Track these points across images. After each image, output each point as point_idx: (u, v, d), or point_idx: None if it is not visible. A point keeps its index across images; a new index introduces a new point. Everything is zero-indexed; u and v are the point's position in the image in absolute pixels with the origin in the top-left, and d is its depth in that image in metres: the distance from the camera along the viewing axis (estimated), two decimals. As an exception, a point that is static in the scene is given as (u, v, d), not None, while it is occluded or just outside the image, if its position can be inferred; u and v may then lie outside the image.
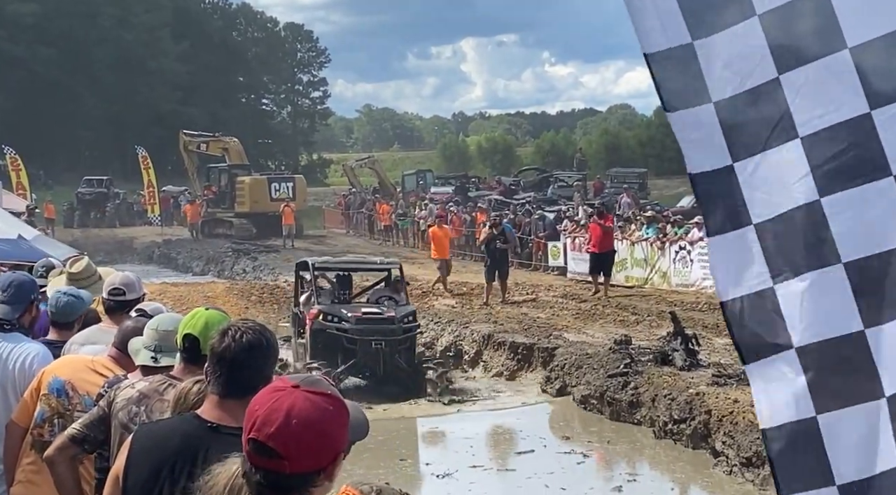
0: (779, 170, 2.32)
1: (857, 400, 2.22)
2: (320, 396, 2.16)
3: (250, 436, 2.14)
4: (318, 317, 16.09)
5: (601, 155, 68.16)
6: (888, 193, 2.20)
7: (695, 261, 22.76)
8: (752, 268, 2.34)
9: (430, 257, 25.26)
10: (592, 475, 12.02)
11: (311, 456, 2.13)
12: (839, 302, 2.24)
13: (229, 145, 47.03)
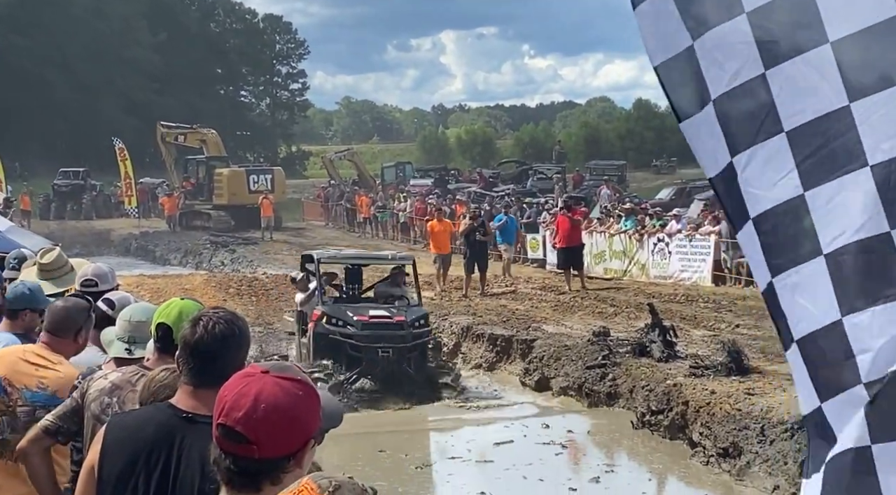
0: (768, 164, 2.40)
1: (841, 389, 2.28)
2: (290, 382, 2.16)
3: (219, 422, 2.14)
4: (322, 319, 15.10)
5: (580, 148, 68.29)
6: (861, 183, 2.25)
7: (673, 253, 22.88)
8: (759, 261, 2.44)
9: (430, 252, 24.23)
10: (571, 466, 12.07)
11: (279, 441, 2.12)
12: (821, 292, 2.30)
13: (207, 137, 46.88)
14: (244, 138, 78.80)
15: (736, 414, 11.99)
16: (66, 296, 4.82)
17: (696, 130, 2.51)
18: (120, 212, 49.20)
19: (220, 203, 42.51)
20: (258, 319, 20.54)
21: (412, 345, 14.93)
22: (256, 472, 2.14)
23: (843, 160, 2.30)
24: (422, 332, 15.19)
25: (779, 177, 2.37)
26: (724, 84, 2.44)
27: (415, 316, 15.20)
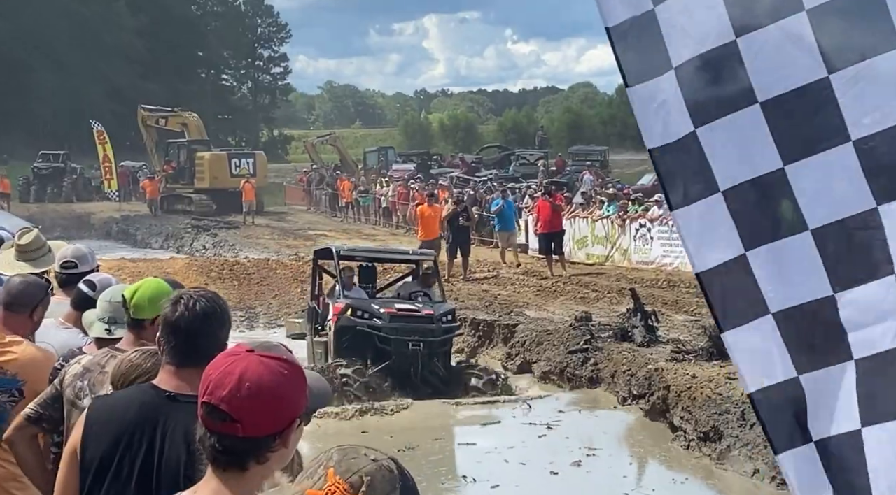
0: (741, 135, 2.29)
1: (830, 362, 2.25)
2: (275, 361, 2.15)
3: (203, 400, 2.13)
4: (346, 312, 14.12)
5: (563, 133, 68.35)
6: (847, 159, 2.20)
7: (655, 238, 22.95)
8: (724, 236, 2.32)
9: (419, 239, 23.61)
10: (553, 449, 12.09)
11: (264, 420, 2.11)
12: (809, 268, 2.25)
13: (188, 120, 46.68)
14: (226, 122, 78.46)
15: (717, 398, 12.06)
16: (26, 275, 4.79)
17: (643, 99, 2.38)
18: (101, 195, 48.93)
19: (201, 187, 42.34)
20: (240, 303, 20.50)
21: (442, 339, 14.11)
22: (241, 451, 2.13)
23: (826, 134, 2.23)
24: (451, 327, 14.41)
25: (754, 150, 2.28)
26: (689, 51, 2.33)
27: (442, 310, 14.38)
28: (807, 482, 2.28)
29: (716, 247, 2.33)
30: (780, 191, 2.26)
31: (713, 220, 2.32)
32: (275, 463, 2.18)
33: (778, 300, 2.28)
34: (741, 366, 2.34)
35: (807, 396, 2.26)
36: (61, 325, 4.76)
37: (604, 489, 10.69)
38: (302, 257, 27.88)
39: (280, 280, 24.03)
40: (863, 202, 2.19)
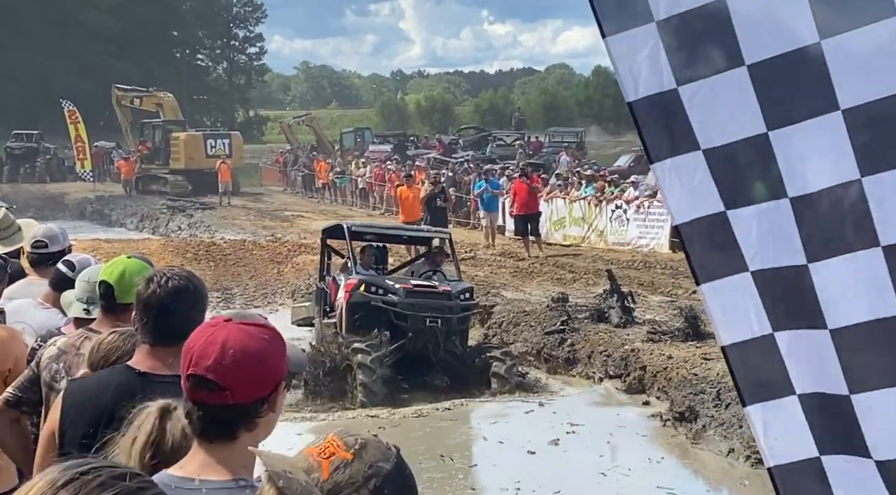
0: (727, 96, 2.24)
1: (805, 326, 2.24)
2: (255, 327, 2.17)
3: (189, 373, 2.14)
4: (359, 287, 13.38)
5: (539, 115, 68.37)
6: (835, 128, 2.15)
7: (631, 220, 23.02)
8: (704, 191, 2.28)
9: (400, 221, 23.48)
10: (533, 426, 12.15)
11: (251, 384, 2.13)
12: (785, 236, 2.22)
13: (163, 101, 46.37)
14: (201, 102, 77.93)
15: (692, 378, 12.14)
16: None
17: (626, 49, 2.29)
18: (74, 175, 48.55)
19: (176, 167, 42.15)
20: (216, 285, 20.40)
21: (460, 316, 13.43)
22: (231, 419, 2.14)
23: (814, 102, 2.18)
24: (469, 305, 13.75)
25: (738, 114, 2.23)
26: (674, 5, 2.25)
27: (460, 288, 13.68)
28: (779, 433, 2.28)
29: (695, 201, 2.29)
30: (762, 157, 2.22)
31: (693, 176, 2.28)
32: (262, 429, 2.20)
33: (756, 260, 2.26)
34: (716, 318, 2.32)
35: (783, 352, 2.25)
36: (40, 305, 4.72)
37: (580, 468, 10.74)
38: (279, 238, 27.83)
39: (256, 261, 23.97)
40: (847, 172, 2.15)
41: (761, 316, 2.26)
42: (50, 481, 1.46)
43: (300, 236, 28.25)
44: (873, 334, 2.15)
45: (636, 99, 2.30)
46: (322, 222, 32.34)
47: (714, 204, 2.27)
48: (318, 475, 1.73)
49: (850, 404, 2.18)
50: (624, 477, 10.17)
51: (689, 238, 2.33)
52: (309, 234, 28.71)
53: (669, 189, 2.31)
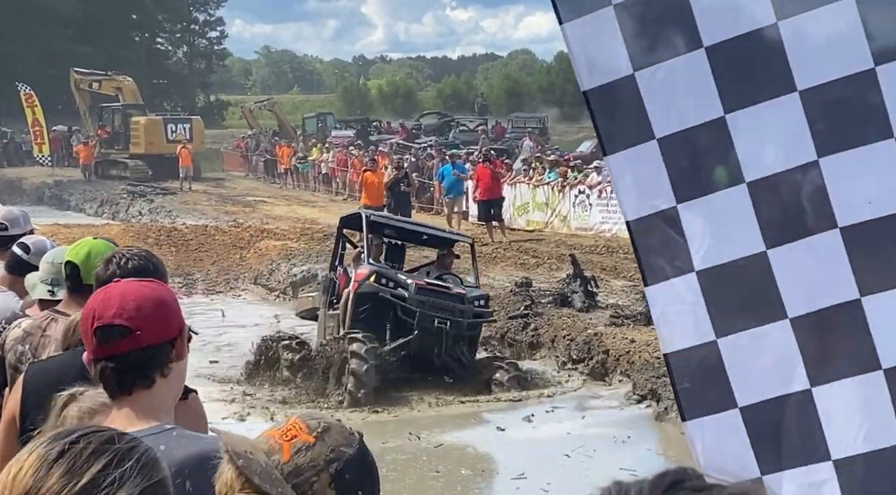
0: (684, 80, 2.19)
1: (758, 323, 2.19)
2: (145, 281, 2.29)
3: (94, 327, 2.17)
4: (370, 278, 12.78)
5: (502, 100, 68.36)
6: (792, 109, 2.13)
7: (594, 205, 23.14)
8: (655, 184, 2.23)
9: (363, 204, 23.03)
10: (504, 406, 12.24)
11: (157, 325, 2.19)
12: (741, 222, 2.18)
13: (123, 84, 45.81)
14: (161, 86, 77.08)
15: (655, 362, 12.24)
16: None
17: (582, 34, 2.25)
18: (32, 160, 47.89)
19: (137, 152, 41.69)
20: (178, 270, 20.27)
21: (471, 322, 12.74)
22: (145, 363, 2.17)
23: (771, 83, 2.15)
24: (483, 312, 13.11)
25: (695, 97, 2.19)
26: None
27: (476, 294, 13.12)
28: (720, 451, 2.22)
29: (646, 196, 2.25)
30: (719, 141, 2.17)
31: (646, 168, 2.23)
32: (175, 377, 2.23)
33: (705, 257, 2.21)
34: (659, 325, 2.30)
35: (725, 362, 2.20)
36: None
37: (547, 448, 10.82)
38: (241, 223, 27.69)
39: (219, 246, 23.84)
40: (804, 154, 2.13)
41: (705, 322, 2.21)
42: (40, 456, 1.43)
43: (262, 221, 28.14)
44: (832, 320, 2.13)
45: (591, 87, 2.28)
46: (284, 208, 32.32)
47: (665, 198, 2.23)
48: (278, 457, 1.72)
49: (811, 400, 2.14)
50: (588, 459, 10.26)
51: (638, 234, 2.31)
52: (271, 220, 28.61)
53: (622, 183, 2.29)
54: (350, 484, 1.74)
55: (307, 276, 20.18)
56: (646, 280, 2.30)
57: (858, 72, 2.08)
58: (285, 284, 20.39)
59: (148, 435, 2.07)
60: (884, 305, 2.07)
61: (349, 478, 1.74)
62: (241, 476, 1.72)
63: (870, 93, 2.08)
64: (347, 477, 1.74)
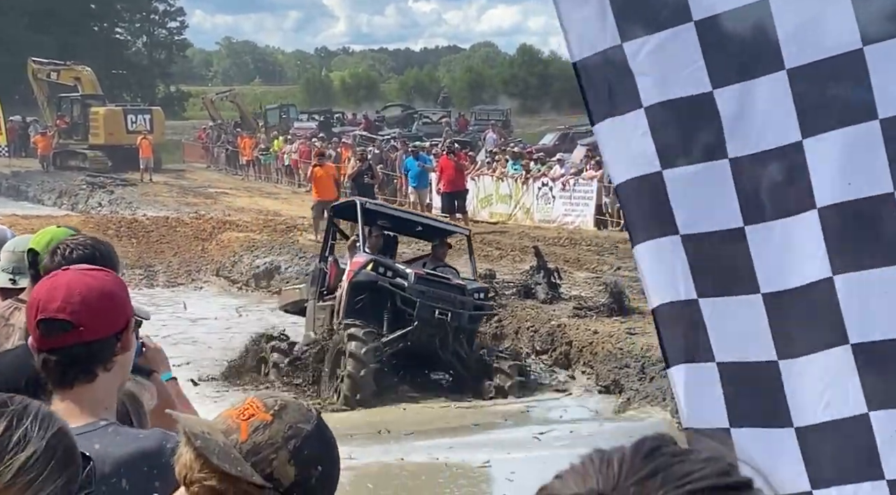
0: (672, 53, 2.20)
1: (733, 293, 2.24)
2: (94, 271, 2.23)
3: (38, 319, 2.13)
4: (367, 266, 12.24)
5: (465, 93, 68.35)
6: (780, 88, 2.13)
7: (557, 197, 23.24)
8: (642, 151, 2.25)
9: (313, 198, 22.97)
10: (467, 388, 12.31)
11: (102, 320, 2.15)
12: (722, 197, 2.20)
13: (82, 74, 45.32)
14: (120, 77, 76.22)
15: (617, 353, 12.36)
16: None
17: (572, 6, 2.26)
18: (-12, 151, 47.22)
19: (96, 143, 41.26)
20: (139, 261, 20.15)
21: (472, 315, 12.30)
22: (88, 357, 2.14)
23: (758, 61, 2.15)
24: (484, 305, 12.77)
25: (683, 71, 2.19)
26: None
27: (475, 286, 12.70)
28: (696, 398, 2.28)
29: (633, 161, 2.27)
30: (706, 116, 2.19)
31: (633, 135, 2.25)
32: (119, 370, 2.20)
33: (687, 224, 2.25)
34: (647, 280, 2.33)
35: (706, 320, 2.25)
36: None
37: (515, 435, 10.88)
38: (203, 215, 27.50)
39: (180, 238, 23.70)
40: (788, 134, 2.14)
41: (688, 280, 2.25)
42: None
43: (225, 213, 27.98)
44: (805, 298, 2.17)
45: (581, 58, 2.28)
46: (247, 199, 32.14)
47: (650, 164, 2.25)
48: (236, 436, 1.73)
49: (776, 370, 2.19)
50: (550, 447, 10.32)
51: (626, 198, 2.34)
52: (234, 211, 28.45)
53: (608, 149, 2.32)
54: (309, 459, 1.75)
55: (270, 268, 20.13)
56: (632, 239, 2.34)
57: (847, 51, 2.08)
58: (248, 276, 20.32)
59: (83, 432, 2.07)
60: (854, 285, 2.12)
61: (308, 454, 1.75)
62: (199, 457, 1.72)
63: (857, 73, 2.08)
64: (306, 453, 1.75)
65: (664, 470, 0.82)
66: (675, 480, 0.81)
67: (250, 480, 1.71)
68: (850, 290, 2.11)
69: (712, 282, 2.26)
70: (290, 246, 21.14)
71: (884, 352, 2.11)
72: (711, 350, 2.26)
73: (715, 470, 0.83)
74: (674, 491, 0.81)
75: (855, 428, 2.13)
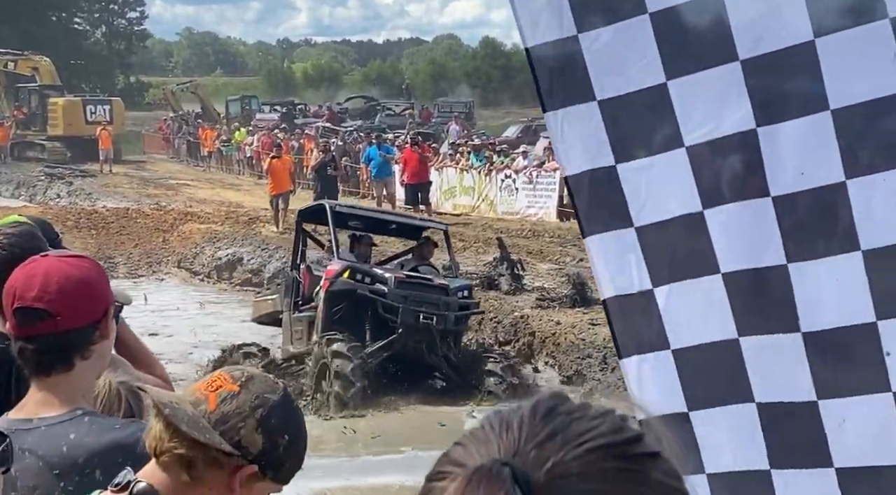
0: (627, 45, 2.20)
1: (691, 276, 2.24)
2: (73, 258, 2.21)
3: (15, 307, 2.12)
4: (343, 273, 11.62)
5: (428, 85, 68.25)
6: (732, 77, 2.14)
7: (520, 189, 23.30)
8: (596, 143, 2.25)
9: (269, 193, 22.93)
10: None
11: (80, 309, 2.13)
12: (679, 184, 2.21)
13: (40, 64, 44.85)
14: (79, 67, 75.33)
15: (580, 343, 12.43)
16: None
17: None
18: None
19: (55, 134, 40.84)
20: (98, 253, 19.93)
21: (458, 315, 11.78)
22: (65, 346, 2.13)
23: (711, 50, 2.15)
24: (468, 303, 12.14)
25: (637, 62, 2.19)
26: None
27: (459, 284, 12.16)
28: (651, 387, 2.29)
29: (586, 153, 2.27)
30: (660, 107, 2.19)
31: (586, 127, 2.25)
32: (97, 358, 2.19)
33: (643, 215, 2.25)
34: (599, 271, 2.33)
35: (661, 309, 2.26)
36: None
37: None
38: (164, 206, 27.30)
39: (141, 229, 23.54)
40: (744, 122, 2.15)
41: (642, 271, 2.26)
42: None
43: (186, 204, 27.80)
44: (762, 283, 2.19)
45: (534, 44, 2.26)
46: (208, 191, 31.93)
47: (604, 157, 2.25)
48: (205, 406, 1.77)
49: (738, 349, 2.20)
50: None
51: (577, 189, 2.33)
52: (195, 203, 28.26)
53: (560, 139, 2.30)
54: (276, 428, 1.80)
55: (232, 260, 20.07)
56: (583, 231, 2.34)
57: (798, 44, 2.10)
58: (210, 268, 20.23)
59: (58, 422, 2.07)
60: (808, 273, 2.14)
61: (275, 423, 1.80)
62: (169, 426, 1.76)
63: (809, 65, 2.09)
64: (273, 422, 1.80)
65: (562, 431, 0.85)
66: (574, 440, 0.84)
67: (219, 447, 1.75)
68: (804, 280, 2.14)
69: (668, 269, 2.26)
70: (253, 237, 21.05)
71: (834, 342, 2.13)
72: (667, 338, 2.27)
73: (610, 427, 0.86)
74: (573, 451, 0.83)
75: (807, 414, 2.15)
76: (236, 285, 19.58)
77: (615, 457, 0.84)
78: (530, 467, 0.82)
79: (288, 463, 1.84)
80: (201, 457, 1.76)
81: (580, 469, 0.83)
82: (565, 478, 0.82)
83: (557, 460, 0.83)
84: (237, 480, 1.79)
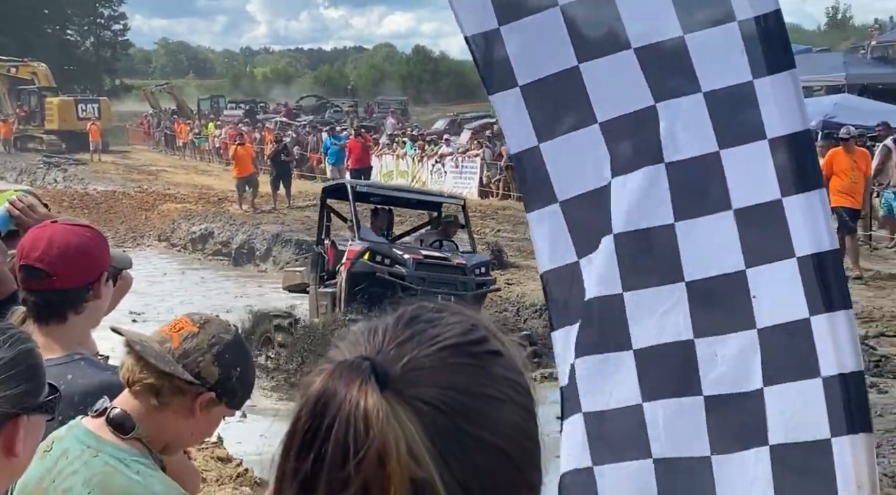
0: (543, 35, 2.12)
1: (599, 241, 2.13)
2: (78, 226, 2.20)
3: (21, 263, 2.13)
4: (363, 255, 10.55)
5: (369, 86, 67.73)
6: (630, 63, 2.06)
7: (448, 172, 23.27)
8: (523, 126, 2.15)
9: (234, 176, 22.36)
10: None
11: (75, 272, 2.12)
12: (592, 157, 2.11)
13: (38, 69, 44.15)
14: (71, 72, 73.39)
15: (498, 299, 12.39)
16: None
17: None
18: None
19: (51, 128, 40.34)
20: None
21: (475, 294, 10.55)
22: (60, 302, 2.13)
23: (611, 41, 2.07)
24: (485, 281, 10.97)
25: (553, 49, 2.09)
26: None
27: (475, 261, 10.89)
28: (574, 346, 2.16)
29: (517, 136, 2.17)
30: (573, 88, 2.10)
31: (514, 112, 2.16)
32: (90, 314, 2.18)
33: (564, 190, 2.15)
34: (537, 246, 2.21)
35: (585, 280, 2.13)
36: None
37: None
38: (146, 189, 26.83)
39: (126, 209, 23.19)
40: (643, 99, 2.06)
41: (568, 244, 2.16)
42: None
43: (165, 187, 27.37)
44: (654, 239, 2.08)
45: (471, 34, 2.17)
46: (184, 176, 31.33)
47: (528, 138, 2.15)
48: (169, 344, 1.82)
49: (621, 302, 2.07)
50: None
51: (517, 168, 2.23)
52: (173, 185, 27.79)
53: (501, 120, 2.24)
54: (230, 362, 1.84)
55: (205, 234, 19.86)
56: (526, 206, 2.22)
57: (671, 38, 2.03)
58: (186, 240, 20.03)
59: (58, 364, 2.03)
60: (690, 230, 2.06)
61: (229, 358, 1.84)
62: (139, 360, 1.80)
63: (683, 55, 2.03)
64: (227, 357, 1.84)
65: (419, 334, 0.84)
66: (428, 341, 0.84)
67: (181, 377, 1.79)
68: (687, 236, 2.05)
69: (588, 241, 2.15)
70: (222, 215, 20.92)
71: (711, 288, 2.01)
72: (582, 308, 2.13)
73: (460, 330, 0.85)
74: (426, 349, 0.83)
75: (681, 352, 2.02)
76: (209, 255, 19.35)
77: (463, 354, 0.84)
78: (389, 363, 0.82)
79: (240, 391, 1.88)
80: (167, 386, 1.80)
81: (432, 363, 0.82)
82: (418, 371, 0.82)
83: (413, 356, 0.82)
84: (197, 405, 1.83)
